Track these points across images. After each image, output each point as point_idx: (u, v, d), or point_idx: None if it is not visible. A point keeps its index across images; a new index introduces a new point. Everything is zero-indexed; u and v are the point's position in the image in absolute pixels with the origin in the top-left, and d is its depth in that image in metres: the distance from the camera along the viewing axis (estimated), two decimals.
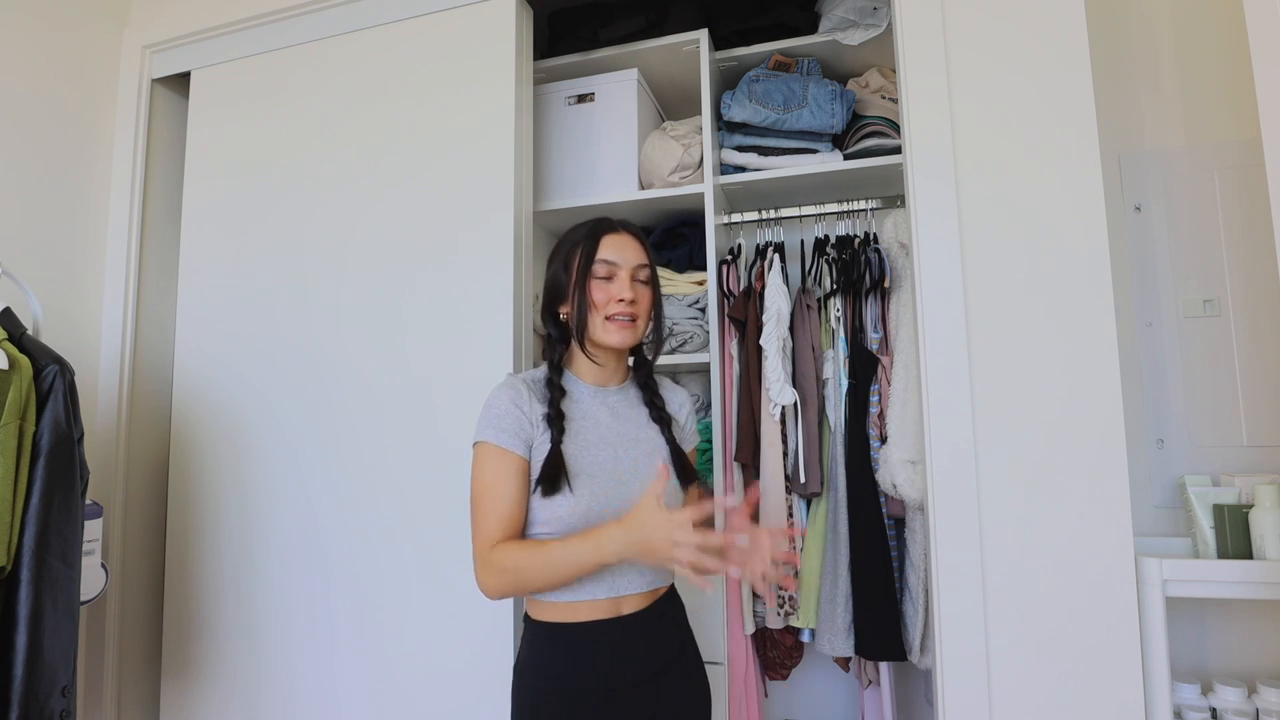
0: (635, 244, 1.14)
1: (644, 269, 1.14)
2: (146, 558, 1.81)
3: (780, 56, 1.82)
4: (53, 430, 1.20)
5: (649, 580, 1.10)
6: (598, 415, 1.13)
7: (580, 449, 1.08)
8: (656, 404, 1.18)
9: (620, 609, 1.07)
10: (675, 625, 1.15)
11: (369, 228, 1.65)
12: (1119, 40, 1.58)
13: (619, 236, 1.13)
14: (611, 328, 1.10)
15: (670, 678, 1.11)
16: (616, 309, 1.10)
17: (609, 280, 1.11)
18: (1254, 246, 1.47)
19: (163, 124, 1.93)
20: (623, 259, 1.11)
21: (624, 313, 1.10)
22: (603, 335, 1.11)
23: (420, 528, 1.52)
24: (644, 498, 0.96)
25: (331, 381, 1.64)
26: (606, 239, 1.12)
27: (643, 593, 1.09)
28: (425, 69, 1.65)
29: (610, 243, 1.12)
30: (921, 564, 1.47)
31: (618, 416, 1.14)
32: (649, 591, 1.10)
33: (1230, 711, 1.28)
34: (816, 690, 1.91)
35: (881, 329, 1.59)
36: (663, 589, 1.13)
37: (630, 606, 1.08)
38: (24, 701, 1.12)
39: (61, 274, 1.74)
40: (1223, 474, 1.40)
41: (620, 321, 1.10)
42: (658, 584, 1.11)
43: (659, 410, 1.17)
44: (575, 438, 1.09)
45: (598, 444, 1.10)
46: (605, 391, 1.17)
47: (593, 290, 1.10)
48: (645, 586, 1.09)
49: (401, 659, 1.52)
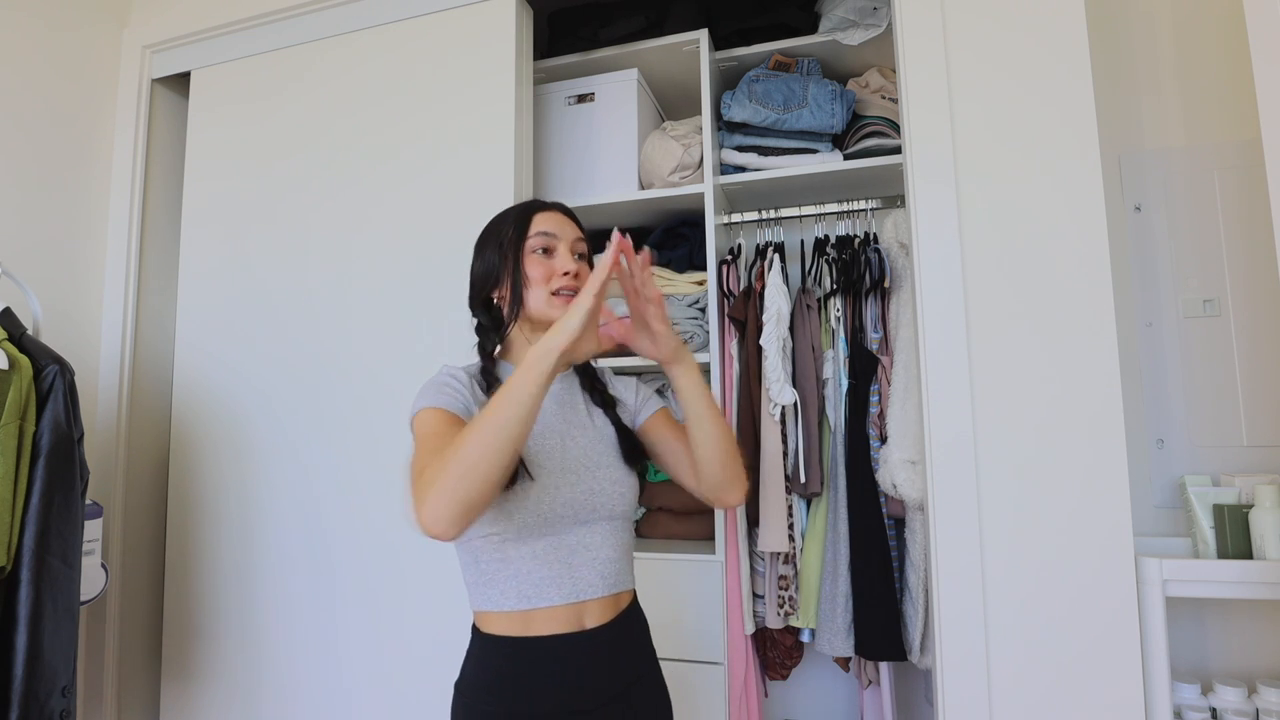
0: (570, 221, 1.10)
1: (581, 243, 1.10)
2: (146, 558, 1.81)
3: (780, 56, 1.82)
4: (53, 430, 1.20)
5: (610, 583, 1.02)
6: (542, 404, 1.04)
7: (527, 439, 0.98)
8: (598, 388, 1.13)
9: (583, 620, 0.99)
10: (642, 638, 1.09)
11: (369, 227, 1.65)
12: (1119, 40, 1.58)
13: (552, 213, 1.10)
14: (557, 302, 1.03)
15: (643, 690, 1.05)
16: (561, 282, 1.04)
17: (549, 254, 1.06)
18: (1254, 246, 1.47)
19: (163, 124, 1.93)
20: (561, 232, 1.07)
21: (569, 286, 1.04)
22: (548, 311, 1.03)
23: None
24: (584, 292, 0.88)
25: (332, 380, 1.64)
26: (539, 215, 1.08)
27: (605, 598, 1.01)
28: (425, 69, 1.65)
29: (545, 218, 1.08)
30: (921, 564, 1.47)
31: (562, 404, 1.08)
32: (612, 598, 1.02)
33: (1230, 711, 1.28)
34: (816, 690, 1.91)
35: (881, 329, 1.59)
36: (626, 595, 1.06)
37: (594, 618, 1.00)
38: (24, 701, 1.12)
39: (61, 274, 1.74)
40: (1223, 474, 1.41)
41: (565, 296, 1.04)
42: (619, 589, 1.04)
43: (601, 394, 1.12)
44: None
45: (543, 433, 1.03)
46: None
47: (530, 266, 1.05)
48: (606, 590, 1.02)
49: (404, 659, 1.52)
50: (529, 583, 0.98)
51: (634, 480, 1.08)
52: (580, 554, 1.00)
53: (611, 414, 1.10)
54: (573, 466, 1.02)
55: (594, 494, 1.02)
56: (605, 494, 1.03)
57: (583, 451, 1.04)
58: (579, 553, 1.00)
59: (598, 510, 1.02)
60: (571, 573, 0.99)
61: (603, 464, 1.04)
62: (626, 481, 1.06)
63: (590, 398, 1.12)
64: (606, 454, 1.06)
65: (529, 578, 0.98)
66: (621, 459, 1.07)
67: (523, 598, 0.98)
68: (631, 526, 1.10)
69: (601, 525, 1.02)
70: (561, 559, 0.99)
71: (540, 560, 0.98)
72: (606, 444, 1.07)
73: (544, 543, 0.98)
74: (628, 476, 1.07)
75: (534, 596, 0.97)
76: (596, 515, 1.02)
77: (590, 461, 1.04)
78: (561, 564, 0.99)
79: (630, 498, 1.06)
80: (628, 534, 1.08)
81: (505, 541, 0.98)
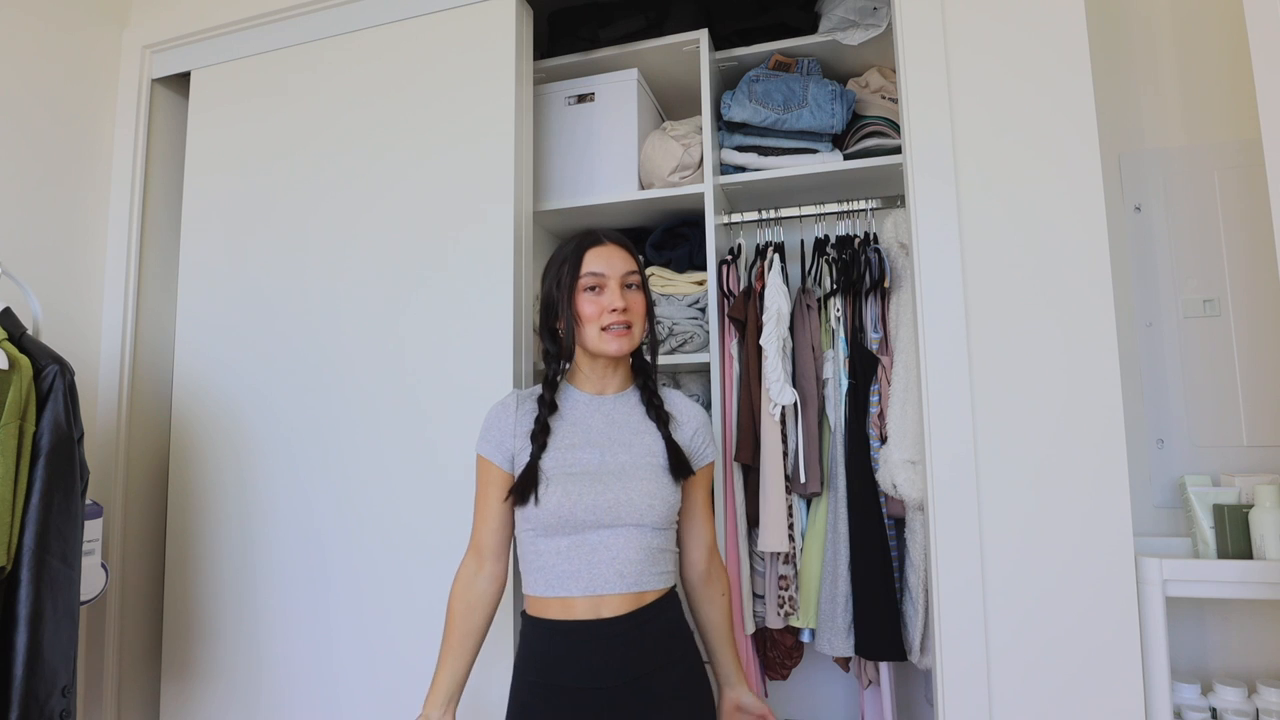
0: (621, 252, 1.18)
1: (632, 274, 1.17)
2: (146, 558, 1.81)
3: (780, 56, 1.82)
4: (53, 430, 1.20)
5: (629, 582, 1.09)
6: (590, 421, 1.16)
7: (562, 452, 1.13)
8: (655, 403, 1.20)
9: (600, 610, 1.09)
10: (665, 633, 1.13)
11: (369, 228, 1.65)
12: (1119, 40, 1.58)
13: (604, 248, 1.17)
14: (608, 337, 1.14)
15: (665, 680, 1.10)
16: (610, 319, 1.13)
17: (598, 292, 1.15)
18: (1254, 246, 1.47)
19: (163, 124, 1.93)
20: (609, 269, 1.15)
21: (618, 321, 1.13)
22: (601, 345, 1.14)
23: (419, 527, 1.52)
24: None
25: (332, 381, 1.64)
26: (590, 253, 1.16)
27: (623, 595, 1.09)
28: (425, 69, 1.65)
29: (595, 255, 1.16)
30: (921, 564, 1.47)
31: (612, 422, 1.17)
32: (632, 595, 1.10)
33: (1230, 711, 1.28)
34: (816, 690, 1.91)
35: (881, 329, 1.59)
36: (651, 594, 1.12)
37: (611, 610, 1.09)
38: (24, 701, 1.12)
39: (61, 274, 1.74)
40: (1223, 474, 1.41)
41: (616, 330, 1.14)
42: (641, 588, 1.10)
43: (657, 410, 1.19)
44: (558, 442, 1.14)
45: (583, 445, 1.14)
46: (602, 399, 1.19)
47: (582, 304, 1.14)
48: (625, 588, 1.09)
49: (401, 659, 1.52)
50: (554, 574, 1.10)
51: (674, 492, 1.15)
52: (601, 553, 1.09)
53: (664, 429, 1.18)
54: (605, 478, 1.11)
55: (620, 503, 1.10)
56: (634, 504, 1.10)
57: (621, 465, 1.13)
58: (600, 552, 1.10)
59: (622, 517, 1.10)
60: (591, 570, 1.09)
61: (641, 476, 1.12)
62: (662, 494, 1.13)
63: (647, 412, 1.20)
64: (648, 467, 1.14)
65: (554, 570, 1.10)
66: (667, 471, 1.15)
67: (550, 586, 1.10)
68: (666, 534, 1.16)
69: (626, 530, 1.10)
70: (583, 556, 1.10)
71: (563, 555, 1.10)
72: (652, 457, 1.15)
73: (568, 540, 1.10)
74: (665, 489, 1.14)
75: (558, 586, 1.10)
76: (621, 521, 1.10)
77: (626, 474, 1.12)
78: (583, 560, 1.09)
79: (663, 509, 1.13)
80: (659, 539, 1.14)
81: (536, 537, 1.12)
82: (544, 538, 1.11)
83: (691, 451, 1.20)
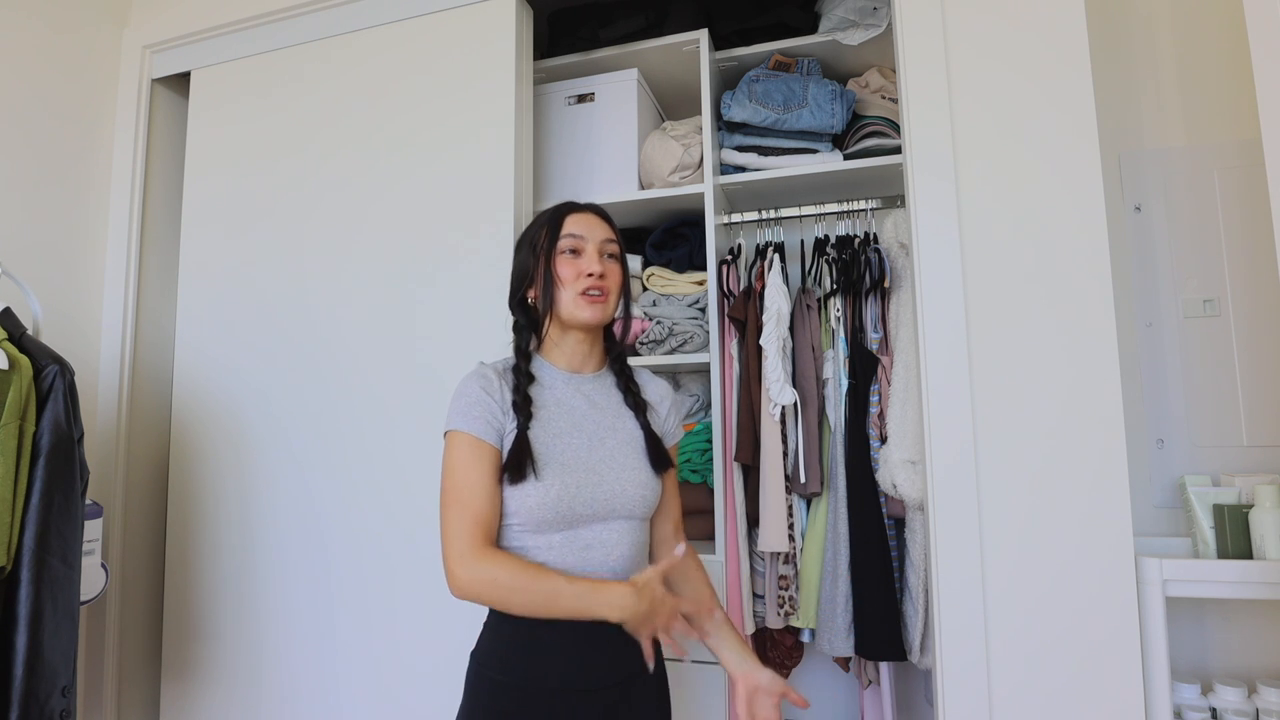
0: (600, 220, 1.14)
1: (611, 243, 1.13)
2: (146, 558, 1.81)
3: (780, 56, 1.82)
4: (53, 430, 1.20)
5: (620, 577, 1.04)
6: (573, 403, 1.10)
7: (552, 437, 1.05)
8: (632, 389, 1.16)
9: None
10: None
11: (369, 228, 1.65)
12: (1119, 40, 1.58)
13: (583, 214, 1.13)
14: (583, 303, 1.08)
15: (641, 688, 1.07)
16: (587, 283, 1.08)
17: (576, 255, 1.10)
18: (1254, 246, 1.47)
19: (163, 124, 1.93)
20: (589, 233, 1.11)
21: (595, 286, 1.08)
22: (575, 311, 1.08)
23: (421, 527, 1.52)
24: (654, 574, 0.99)
25: (332, 380, 1.64)
26: (571, 217, 1.12)
27: None
28: (425, 69, 1.65)
29: (575, 219, 1.12)
30: (921, 564, 1.47)
31: (594, 405, 1.11)
32: None
33: (1230, 711, 1.28)
34: (816, 690, 1.91)
35: (881, 329, 1.59)
36: None
37: None
38: (24, 701, 1.12)
39: (61, 274, 1.74)
40: (1223, 474, 1.41)
41: (592, 296, 1.08)
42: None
43: (634, 396, 1.15)
44: (546, 425, 1.06)
45: (571, 431, 1.07)
46: (580, 378, 1.13)
47: (560, 266, 1.09)
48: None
49: (403, 659, 1.52)
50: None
51: (658, 483, 1.12)
52: (595, 549, 1.04)
53: (642, 418, 1.14)
54: (598, 467, 1.06)
55: (615, 495, 1.05)
56: (627, 495, 1.06)
57: (609, 453, 1.08)
58: (594, 547, 1.04)
59: (617, 510, 1.06)
60: (583, 565, 1.04)
61: (629, 466, 1.08)
62: (651, 485, 1.10)
63: (624, 399, 1.15)
64: (633, 456, 1.10)
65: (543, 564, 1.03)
66: (648, 462, 1.10)
67: None
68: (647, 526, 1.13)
69: (619, 523, 1.06)
70: (576, 551, 1.04)
71: (555, 550, 1.03)
72: (634, 446, 1.11)
73: (561, 535, 1.03)
74: (651, 480, 1.10)
75: None
76: (615, 514, 1.06)
77: (616, 463, 1.08)
78: (575, 556, 1.03)
79: (651, 500, 1.10)
80: (643, 532, 1.11)
81: (525, 533, 1.03)
82: (535, 534, 1.03)
83: (664, 434, 1.17)
